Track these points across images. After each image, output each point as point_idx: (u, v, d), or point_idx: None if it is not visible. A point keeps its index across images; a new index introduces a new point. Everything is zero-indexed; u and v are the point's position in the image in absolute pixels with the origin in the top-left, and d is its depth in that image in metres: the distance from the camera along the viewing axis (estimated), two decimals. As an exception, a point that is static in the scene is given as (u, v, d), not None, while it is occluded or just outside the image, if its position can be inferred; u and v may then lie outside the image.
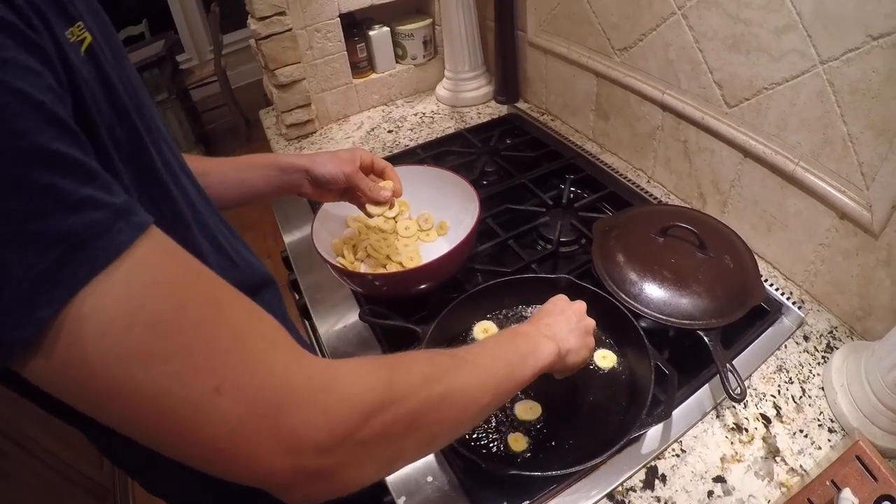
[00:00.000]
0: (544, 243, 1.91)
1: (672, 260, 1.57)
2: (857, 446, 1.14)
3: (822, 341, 1.57)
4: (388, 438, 0.76)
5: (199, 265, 0.71)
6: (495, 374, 0.98)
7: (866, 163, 1.39)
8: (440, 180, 1.79)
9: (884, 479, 1.10)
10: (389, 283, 1.57)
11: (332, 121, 2.75)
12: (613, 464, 1.31)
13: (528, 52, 2.60)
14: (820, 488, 1.15)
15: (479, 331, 1.54)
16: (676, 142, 1.98)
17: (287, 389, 0.67)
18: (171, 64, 6.32)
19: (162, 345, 0.61)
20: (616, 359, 1.47)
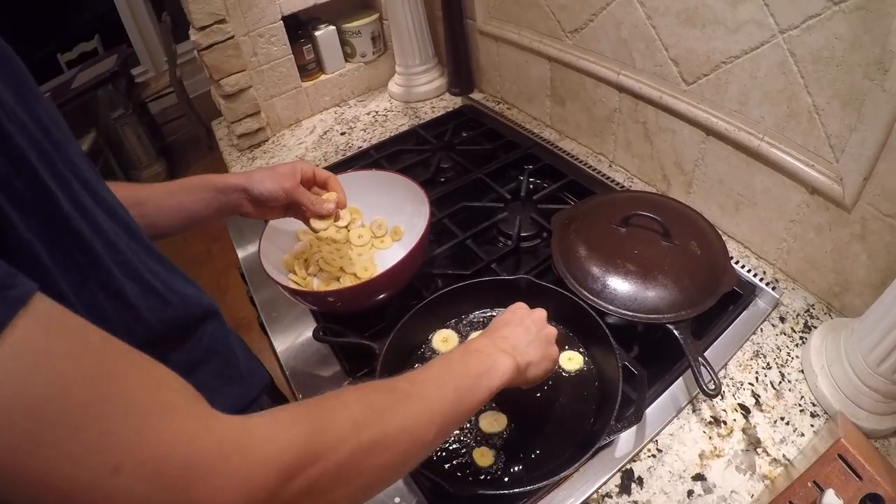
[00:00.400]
0: (504, 240, 1.85)
1: (635, 251, 1.51)
2: (840, 444, 1.09)
3: (799, 321, 1.53)
4: (315, 496, 0.71)
5: (90, 333, 0.63)
6: (442, 404, 0.92)
7: (834, 134, 1.35)
8: (389, 184, 1.72)
9: (869, 476, 1.04)
10: (343, 299, 1.50)
11: (284, 127, 2.68)
12: (587, 470, 1.26)
13: (478, 40, 2.54)
14: (801, 490, 1.09)
15: (439, 340, 1.47)
16: (636, 123, 1.92)
17: (195, 459, 0.61)
18: (125, 78, 6.23)
19: (49, 430, 0.55)
20: (583, 360, 1.41)
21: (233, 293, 4.44)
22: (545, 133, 2.35)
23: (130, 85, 6.40)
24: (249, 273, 1.88)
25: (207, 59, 2.26)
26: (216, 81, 2.35)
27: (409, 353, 1.46)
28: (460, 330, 1.51)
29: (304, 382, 1.51)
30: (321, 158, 2.38)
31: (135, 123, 6.16)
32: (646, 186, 2.01)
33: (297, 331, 1.65)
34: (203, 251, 5.19)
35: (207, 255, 5.13)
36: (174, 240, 1.46)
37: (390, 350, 1.36)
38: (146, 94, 6.54)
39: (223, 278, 4.82)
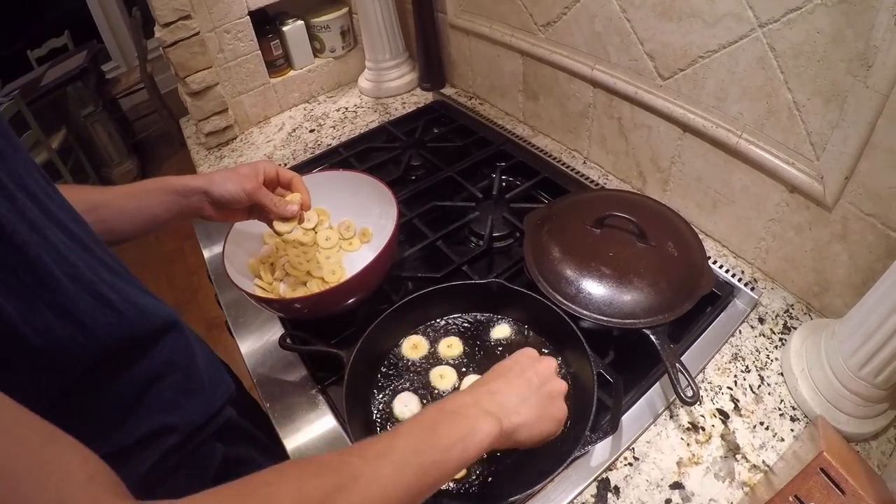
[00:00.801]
0: (476, 240, 1.82)
1: (610, 253, 1.47)
2: (822, 458, 1.06)
3: (778, 322, 1.51)
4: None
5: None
6: (398, 488, 0.81)
7: (815, 132, 1.32)
8: (357, 184, 1.68)
9: (851, 491, 1.01)
10: (310, 305, 1.46)
11: (253, 124, 2.63)
12: (561, 480, 1.24)
13: (450, 34, 2.51)
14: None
15: (408, 347, 1.43)
16: (610, 119, 1.89)
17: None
18: (95, 74, 6.18)
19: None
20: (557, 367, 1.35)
21: (205, 292, 4.44)
22: (518, 129, 2.32)
23: (101, 81, 6.36)
24: (216, 275, 1.84)
25: (173, 56, 2.21)
26: (182, 79, 2.30)
27: (378, 359, 1.42)
28: (430, 335, 1.47)
29: (271, 390, 1.47)
30: (290, 157, 2.34)
31: (105, 120, 6.10)
32: (621, 184, 1.98)
33: (264, 335, 1.61)
34: (175, 249, 5.16)
35: (180, 254, 5.11)
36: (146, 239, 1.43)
37: (358, 358, 1.32)
38: (117, 90, 6.49)
39: (195, 277, 4.81)
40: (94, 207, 1.19)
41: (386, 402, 1.34)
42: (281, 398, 1.45)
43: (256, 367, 1.53)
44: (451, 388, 1.34)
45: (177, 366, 1.11)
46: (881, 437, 1.28)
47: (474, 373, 1.37)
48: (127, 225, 1.30)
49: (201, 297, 4.48)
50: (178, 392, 1.10)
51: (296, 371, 1.51)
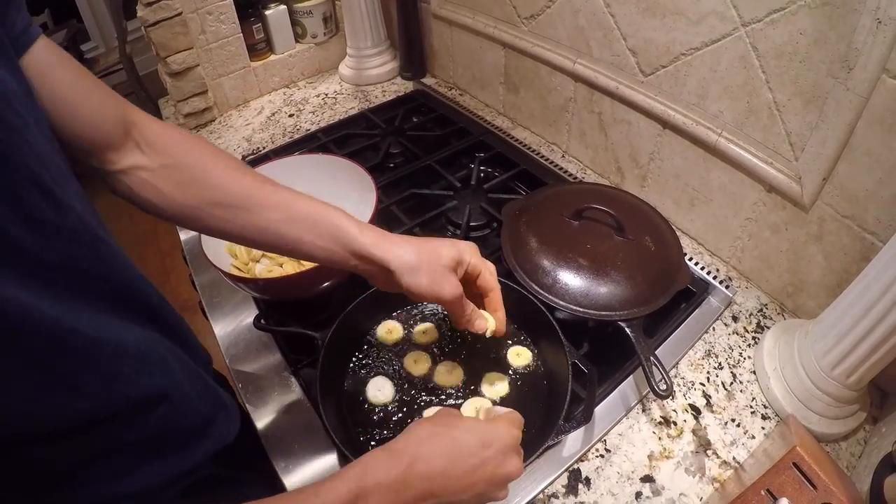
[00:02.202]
0: (453, 229, 1.82)
1: (588, 245, 1.47)
2: (795, 452, 1.07)
3: (751, 321, 1.52)
4: None
5: None
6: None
7: (795, 132, 1.33)
8: (335, 168, 1.67)
9: (823, 486, 1.02)
10: (286, 286, 1.46)
11: (232, 107, 2.61)
12: (532, 470, 1.24)
13: (432, 24, 2.51)
14: (754, 498, 1.07)
15: (383, 331, 1.43)
16: (591, 114, 1.90)
17: None
18: (74, 54, 6.06)
19: None
20: (531, 356, 1.37)
21: (177, 273, 4.42)
22: (497, 121, 2.32)
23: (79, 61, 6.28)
24: (191, 256, 1.82)
25: (154, 35, 2.19)
26: (163, 59, 2.28)
27: (353, 343, 1.42)
28: (405, 321, 1.47)
29: (244, 370, 1.46)
30: (268, 140, 2.33)
31: (80, 100, 6.02)
32: (599, 179, 1.99)
33: (238, 317, 1.60)
34: (149, 231, 5.10)
35: (153, 235, 5.05)
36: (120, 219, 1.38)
37: (333, 340, 1.31)
38: (95, 70, 6.40)
39: (168, 259, 4.76)
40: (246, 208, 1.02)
41: (360, 385, 1.33)
42: (254, 380, 1.44)
43: (230, 349, 1.52)
44: (426, 372, 1.35)
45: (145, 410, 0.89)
46: (851, 438, 1.30)
47: (448, 359, 1.37)
48: (255, 241, 1.08)
49: (173, 279, 4.45)
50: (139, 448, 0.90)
51: (269, 353, 1.50)
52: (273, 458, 1.28)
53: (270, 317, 1.46)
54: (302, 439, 1.31)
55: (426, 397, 1.31)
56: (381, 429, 1.26)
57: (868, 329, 1.10)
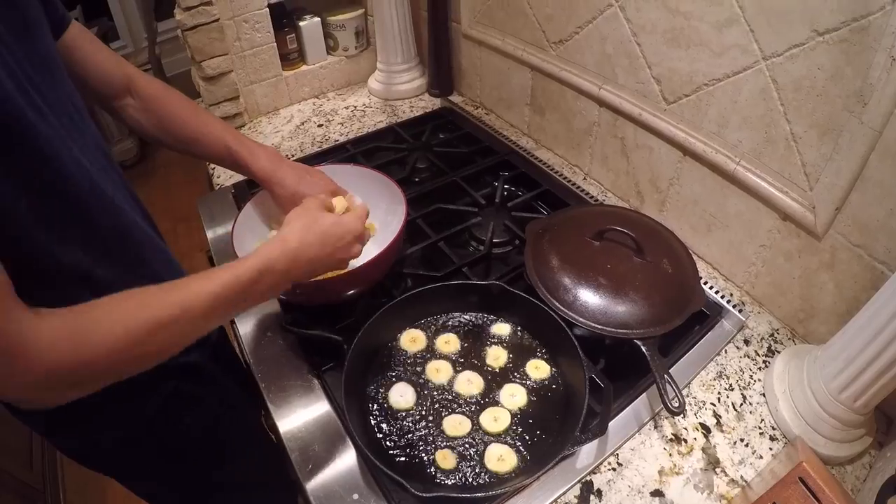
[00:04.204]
0: (476, 244, 1.86)
1: (608, 265, 1.51)
2: (801, 468, 1.09)
3: (763, 345, 1.54)
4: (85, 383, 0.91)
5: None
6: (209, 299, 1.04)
7: (810, 163, 1.36)
8: (367, 180, 1.71)
9: (828, 502, 1.04)
10: (312, 291, 1.48)
11: (262, 114, 2.64)
12: (547, 479, 1.26)
13: (462, 44, 2.53)
14: (761, 510, 1.09)
15: (407, 340, 1.46)
16: (614, 138, 1.92)
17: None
18: (107, 52, 6.14)
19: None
20: (549, 369, 1.41)
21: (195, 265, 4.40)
22: (522, 141, 2.35)
23: (110, 58, 6.32)
24: (218, 256, 1.85)
25: (191, 39, 2.23)
26: (198, 63, 2.31)
27: (377, 349, 1.45)
28: (429, 331, 1.51)
29: (267, 372, 1.49)
30: (297, 148, 2.36)
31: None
32: (619, 202, 2.01)
33: (263, 319, 1.62)
34: (168, 230, 5.07)
35: (173, 235, 5.01)
36: None
37: (359, 345, 1.35)
38: (124, 69, 6.45)
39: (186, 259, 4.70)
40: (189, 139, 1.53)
41: (382, 390, 1.37)
42: (277, 380, 1.47)
43: (254, 351, 1.55)
44: (447, 381, 1.39)
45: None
46: (856, 462, 1.31)
47: (469, 369, 1.41)
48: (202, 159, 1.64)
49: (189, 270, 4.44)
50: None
51: (293, 355, 1.52)
52: (294, 458, 1.31)
53: (296, 320, 1.51)
54: (323, 440, 1.34)
55: (447, 404, 1.35)
56: (403, 432, 1.29)
57: (876, 354, 1.12)
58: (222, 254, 1.84)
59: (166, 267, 1.41)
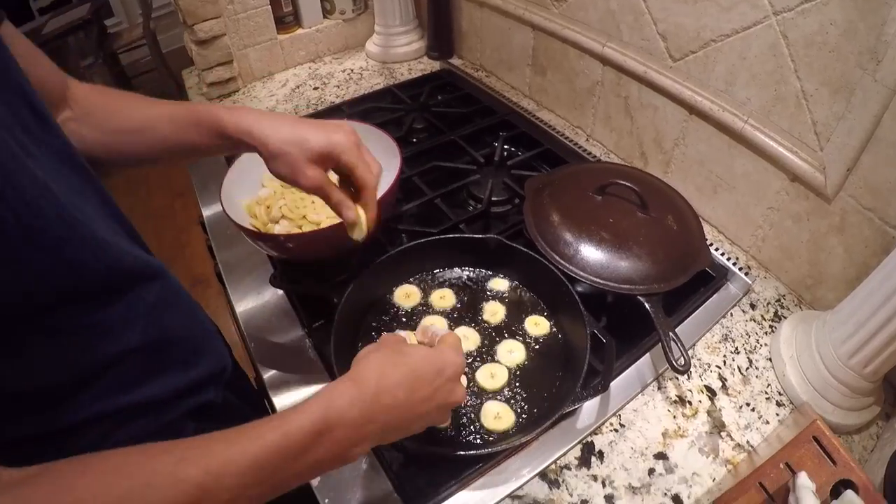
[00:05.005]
0: (474, 202, 1.82)
1: (610, 220, 1.46)
2: (815, 426, 1.05)
3: (769, 310, 1.51)
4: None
5: None
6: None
7: (821, 122, 1.33)
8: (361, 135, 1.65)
9: (843, 462, 1.01)
10: (303, 245, 1.43)
11: (256, 79, 2.60)
12: (546, 440, 1.23)
13: (461, 4, 2.50)
14: (773, 471, 1.05)
15: (401, 295, 1.43)
16: (617, 98, 1.89)
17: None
18: (97, 27, 6.12)
19: None
20: (549, 326, 1.37)
21: (192, 248, 4.43)
22: (523, 102, 2.31)
23: (102, 35, 6.30)
24: (211, 224, 1.81)
25: (182, 2, 2.18)
26: (189, 26, 2.27)
27: (370, 305, 1.41)
28: (424, 286, 1.48)
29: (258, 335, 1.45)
30: (292, 111, 2.33)
31: (104, 73, 6.09)
32: (622, 163, 1.97)
33: (255, 283, 1.59)
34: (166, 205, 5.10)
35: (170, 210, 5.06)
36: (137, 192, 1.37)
37: (350, 300, 1.30)
38: (118, 45, 6.44)
39: (184, 234, 4.75)
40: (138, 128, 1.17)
41: (375, 346, 1.32)
42: (267, 341, 1.43)
43: (245, 314, 1.51)
44: None
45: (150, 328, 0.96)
46: (864, 432, 1.29)
47: (465, 325, 1.37)
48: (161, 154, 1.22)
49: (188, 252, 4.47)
50: (147, 361, 0.96)
51: (284, 315, 1.49)
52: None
53: (287, 277, 1.47)
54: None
55: None
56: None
57: (887, 318, 1.09)
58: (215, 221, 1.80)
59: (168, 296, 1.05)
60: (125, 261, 0.92)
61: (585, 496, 1.16)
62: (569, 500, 1.15)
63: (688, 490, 1.16)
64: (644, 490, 1.16)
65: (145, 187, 5.17)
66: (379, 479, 1.17)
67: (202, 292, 3.78)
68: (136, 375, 0.95)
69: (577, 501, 1.15)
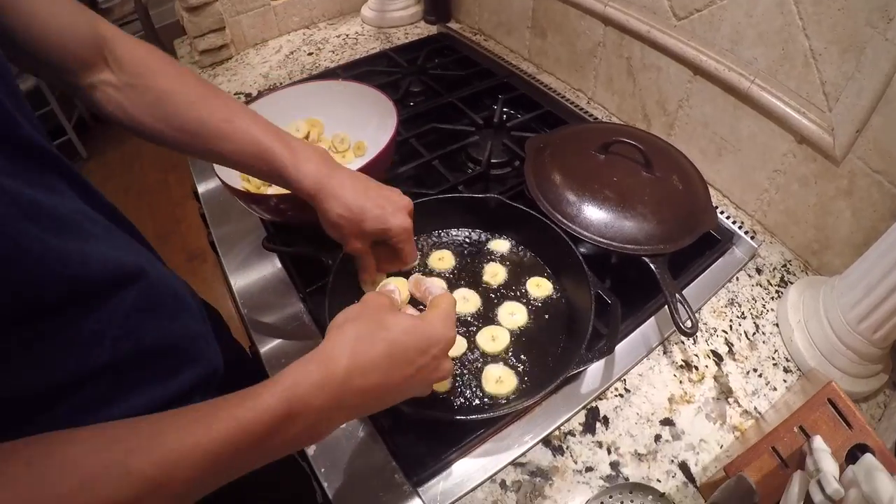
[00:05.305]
0: (473, 165, 1.79)
1: (614, 179, 1.44)
2: (830, 388, 1.02)
3: (775, 275, 1.49)
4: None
5: None
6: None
7: (829, 82, 1.31)
8: (356, 96, 1.64)
9: (859, 426, 0.98)
10: (297, 206, 1.38)
11: (249, 46, 2.55)
12: (549, 405, 1.21)
13: (459, -34, 2.45)
14: (786, 435, 1.02)
15: (398, 257, 1.38)
16: (619, 59, 1.86)
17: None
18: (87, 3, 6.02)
19: None
20: (551, 287, 1.35)
21: (188, 223, 4.40)
22: (523, 66, 2.28)
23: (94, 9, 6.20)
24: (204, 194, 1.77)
25: (172, -34, 2.14)
26: (180, -9, 2.22)
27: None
28: (421, 247, 1.44)
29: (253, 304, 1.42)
30: (286, 77, 2.30)
31: (95, 48, 5.99)
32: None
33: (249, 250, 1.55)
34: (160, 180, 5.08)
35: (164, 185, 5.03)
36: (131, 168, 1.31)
37: (344, 262, 1.27)
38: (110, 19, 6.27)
39: (179, 209, 4.73)
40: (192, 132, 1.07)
41: (371, 310, 1.28)
42: (261, 306, 1.40)
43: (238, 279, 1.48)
44: None
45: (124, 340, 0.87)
46: (871, 400, 1.28)
47: (465, 287, 1.34)
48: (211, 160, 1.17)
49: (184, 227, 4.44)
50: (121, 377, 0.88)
51: (279, 279, 1.47)
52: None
53: (280, 240, 1.42)
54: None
55: None
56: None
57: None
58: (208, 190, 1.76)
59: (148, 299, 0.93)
60: (93, 268, 0.81)
61: (590, 463, 1.14)
62: (573, 467, 1.13)
63: (695, 457, 1.14)
64: (650, 457, 1.14)
65: (139, 163, 5.14)
66: (376, 447, 1.15)
67: (198, 267, 3.77)
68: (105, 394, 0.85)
69: (581, 468, 1.13)
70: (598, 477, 1.12)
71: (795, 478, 0.92)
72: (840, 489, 0.81)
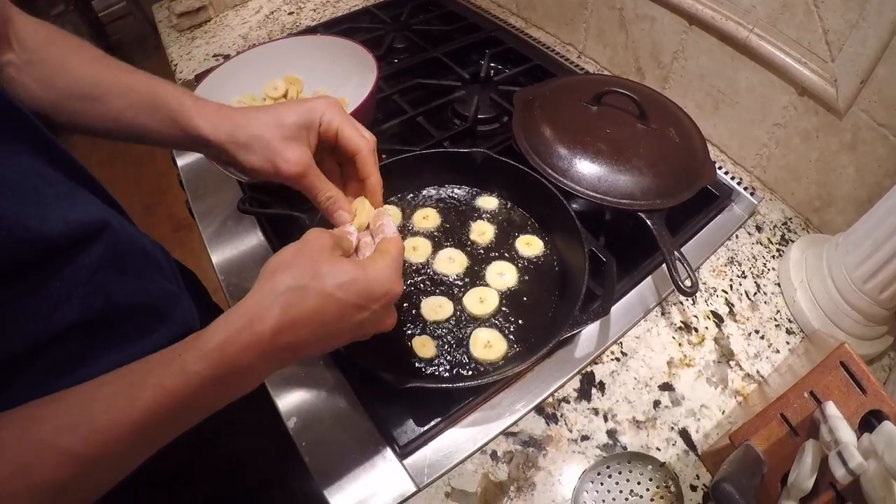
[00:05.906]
0: (459, 120, 1.74)
1: (608, 131, 1.38)
2: (843, 350, 0.96)
3: (775, 233, 1.47)
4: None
5: None
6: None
7: (833, 30, 1.26)
8: (335, 51, 1.62)
9: (874, 391, 0.92)
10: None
11: (228, 7, 2.48)
12: (542, 371, 1.17)
13: (445, -82, 2.41)
14: (796, 401, 0.96)
15: (377, 215, 1.33)
16: (611, 10, 1.81)
17: None
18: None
19: None
20: (543, 245, 1.31)
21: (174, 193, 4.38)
22: (511, 20, 2.23)
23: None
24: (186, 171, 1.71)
25: (147, -73, 2.08)
26: (155, -50, 2.16)
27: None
28: (405, 206, 1.41)
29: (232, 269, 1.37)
30: (265, 37, 2.24)
31: (76, 21, 5.99)
32: (618, 77, 1.92)
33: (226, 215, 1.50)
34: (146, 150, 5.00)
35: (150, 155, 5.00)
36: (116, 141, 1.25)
37: (323, 223, 1.19)
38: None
39: (164, 178, 4.73)
40: (87, 95, 1.00)
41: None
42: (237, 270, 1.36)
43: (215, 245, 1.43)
44: (424, 260, 1.28)
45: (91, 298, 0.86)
46: (876, 363, 1.26)
47: (451, 246, 1.30)
48: (112, 131, 1.04)
49: (170, 197, 4.47)
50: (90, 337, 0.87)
51: (258, 243, 1.42)
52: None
53: (257, 201, 1.36)
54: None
55: (424, 286, 1.25)
56: (375, 319, 1.16)
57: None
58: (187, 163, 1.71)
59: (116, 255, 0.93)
60: (54, 230, 0.80)
61: (586, 431, 1.10)
62: (568, 436, 1.10)
63: (696, 424, 1.11)
64: (649, 424, 1.11)
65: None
66: (359, 417, 1.11)
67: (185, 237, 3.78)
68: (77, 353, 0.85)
69: (576, 437, 1.10)
70: (595, 446, 1.08)
71: (808, 447, 0.87)
72: (864, 463, 0.75)
